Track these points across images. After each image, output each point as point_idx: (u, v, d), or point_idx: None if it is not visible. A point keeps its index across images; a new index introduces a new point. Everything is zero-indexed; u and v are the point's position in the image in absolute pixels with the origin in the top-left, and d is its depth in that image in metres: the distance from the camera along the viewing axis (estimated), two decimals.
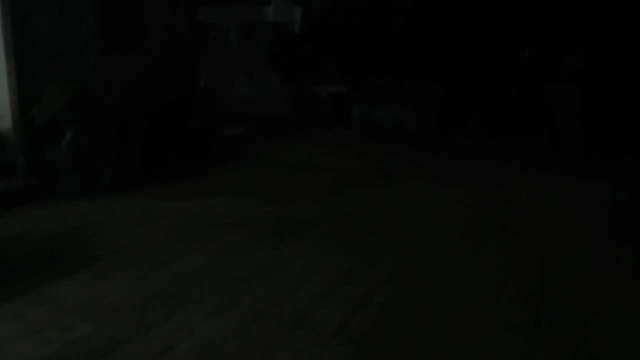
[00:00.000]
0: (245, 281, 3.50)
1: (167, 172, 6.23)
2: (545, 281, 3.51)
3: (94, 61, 6.09)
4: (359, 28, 9.41)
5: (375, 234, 4.43)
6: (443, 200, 5.45)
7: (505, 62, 8.46)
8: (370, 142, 8.73)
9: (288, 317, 3.03)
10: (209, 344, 2.76)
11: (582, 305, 3.18)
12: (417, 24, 9.03)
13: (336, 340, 2.80)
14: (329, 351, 2.70)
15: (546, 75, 8.42)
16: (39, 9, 5.54)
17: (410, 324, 2.96)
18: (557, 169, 6.69)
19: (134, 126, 6.20)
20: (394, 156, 7.66)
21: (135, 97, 6.53)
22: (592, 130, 7.42)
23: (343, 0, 9.57)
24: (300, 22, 9.83)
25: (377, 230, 4.50)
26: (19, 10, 5.36)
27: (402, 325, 2.95)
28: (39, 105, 5.37)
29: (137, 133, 6.19)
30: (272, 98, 9.53)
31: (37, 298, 3.25)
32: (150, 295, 3.28)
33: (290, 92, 9.63)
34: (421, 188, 5.93)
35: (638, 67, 7.60)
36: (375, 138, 8.91)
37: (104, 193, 5.45)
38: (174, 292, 3.34)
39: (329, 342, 2.78)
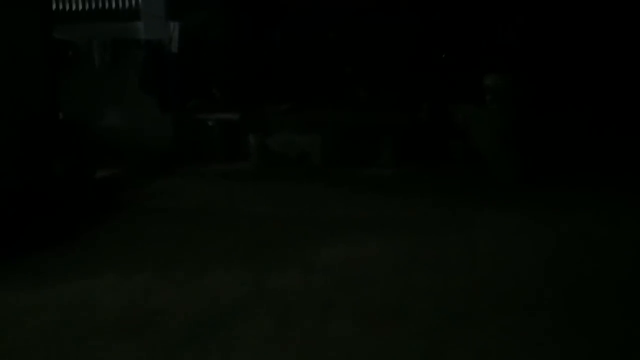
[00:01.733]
0: None
1: (16, 238, 4.59)
2: None
3: None
4: (248, 44, 8.14)
5: (334, 325, 3.18)
6: (396, 258, 4.31)
7: (414, 79, 7.57)
8: (273, 177, 7.47)
9: None
10: None
11: None
12: (314, 36, 7.95)
13: None
14: None
15: (458, 94, 7.64)
16: None
17: None
18: (494, 203, 5.78)
19: None
20: (306, 195, 6.48)
21: None
22: (523, 156, 6.66)
23: (227, 13, 8.25)
24: (178, 39, 8.40)
25: (333, 319, 3.25)
26: None
27: None
28: None
29: None
30: (151, 129, 8.01)
31: None
32: None
33: (171, 121, 8.14)
34: (359, 241, 4.77)
35: (581, 88, 6.96)
36: (277, 172, 7.66)
37: None
38: None
39: None
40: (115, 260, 4.33)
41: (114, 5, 8.56)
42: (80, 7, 8.56)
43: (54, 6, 7.82)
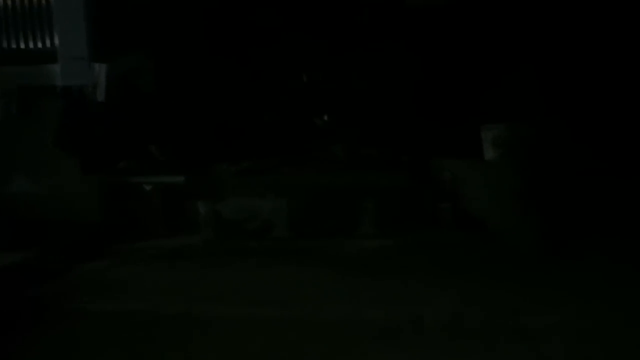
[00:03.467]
0: None
1: None
2: None
3: None
4: (195, 90, 6.73)
5: None
6: None
7: (399, 131, 6.38)
8: (231, 255, 6.03)
9: None
10: None
11: None
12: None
13: None
14: None
15: (443, 147, 6.51)
16: None
17: None
18: (534, 291, 4.54)
19: None
20: (279, 283, 5.10)
21: None
22: (543, 221, 5.52)
23: (168, 53, 6.82)
24: (105, 85, 6.92)
25: None
26: None
27: None
28: None
29: None
30: (72, 197, 6.45)
31: None
32: None
33: (98, 187, 6.57)
34: None
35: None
36: (235, 248, 6.23)
37: None
38: None
39: None
40: None
41: (22, 44, 7.00)
42: None
43: None
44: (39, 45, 7.07)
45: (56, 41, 6.94)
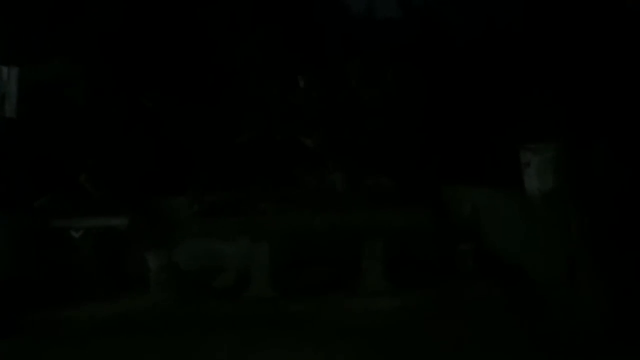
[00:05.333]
0: None
1: None
2: None
3: None
4: (139, 105, 5.14)
5: None
6: None
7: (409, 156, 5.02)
8: (195, 327, 4.44)
9: None
10: None
11: None
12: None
13: None
14: None
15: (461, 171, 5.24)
16: None
17: None
18: None
19: None
20: None
21: None
22: (613, 284, 4.20)
23: (101, 58, 5.19)
24: (16, 97, 5.26)
25: None
26: None
27: None
28: None
29: None
30: None
31: None
32: None
33: (8, 233, 4.88)
34: None
35: None
36: (199, 315, 4.64)
37: None
38: None
39: None
40: None
41: None
42: None
43: None
44: None
45: None
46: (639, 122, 4.90)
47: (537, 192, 4.66)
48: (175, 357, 3.93)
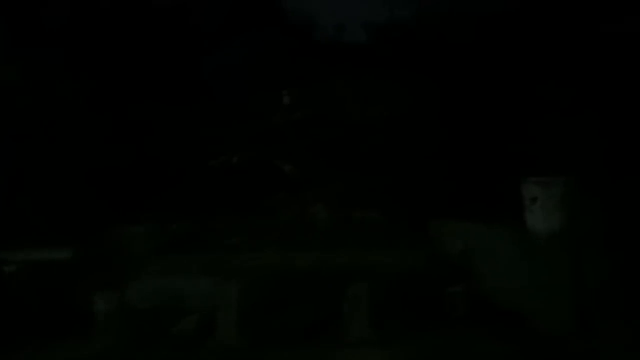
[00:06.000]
0: None
1: None
2: None
3: None
4: (91, 112, 4.48)
5: None
6: None
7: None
8: None
9: None
10: None
11: None
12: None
13: None
14: None
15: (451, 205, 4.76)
16: None
17: None
18: None
19: None
20: None
21: None
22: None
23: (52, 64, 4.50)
24: None
25: None
26: None
27: None
28: None
29: None
30: None
31: None
32: None
33: None
34: None
35: None
36: None
37: None
38: None
39: None
40: None
41: None
42: None
43: None
44: None
45: None
46: None
47: (543, 230, 4.21)
48: None
